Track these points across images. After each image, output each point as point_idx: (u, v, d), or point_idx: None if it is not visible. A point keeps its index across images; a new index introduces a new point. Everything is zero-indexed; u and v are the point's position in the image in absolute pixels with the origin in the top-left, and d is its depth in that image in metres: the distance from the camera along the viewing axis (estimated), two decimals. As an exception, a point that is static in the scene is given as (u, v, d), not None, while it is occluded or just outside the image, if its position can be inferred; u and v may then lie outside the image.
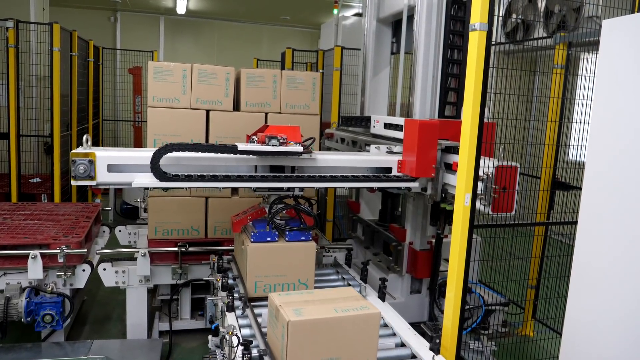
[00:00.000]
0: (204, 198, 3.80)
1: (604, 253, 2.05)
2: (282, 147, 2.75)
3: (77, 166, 2.58)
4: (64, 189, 5.93)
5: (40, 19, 6.95)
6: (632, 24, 1.98)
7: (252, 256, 2.88)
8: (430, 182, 3.05)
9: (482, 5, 2.38)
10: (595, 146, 2.11)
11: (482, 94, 2.46)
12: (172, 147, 2.61)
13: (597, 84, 2.13)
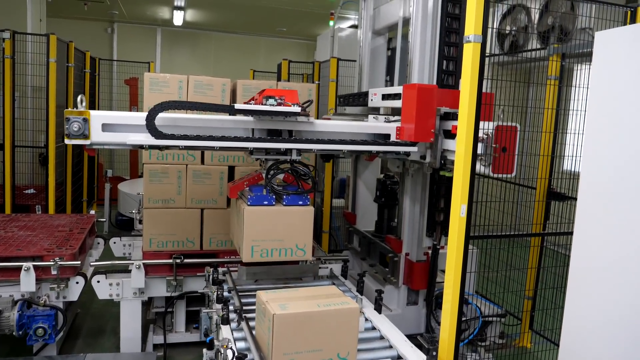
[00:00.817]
0: (199, 209, 3.79)
1: (599, 263, 2.05)
2: (279, 107, 2.69)
3: (71, 124, 2.50)
4: (59, 200, 5.90)
5: (37, 30, 6.96)
6: (625, 35, 1.99)
7: (249, 219, 2.81)
8: (429, 149, 3.03)
9: (476, 17, 2.40)
10: (590, 156, 2.12)
11: (476, 106, 2.46)
12: (168, 104, 2.55)
13: (590, 95, 2.14)
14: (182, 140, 2.60)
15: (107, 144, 2.62)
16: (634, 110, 1.91)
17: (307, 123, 2.89)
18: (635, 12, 3.51)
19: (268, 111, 2.69)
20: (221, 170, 3.76)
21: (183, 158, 3.70)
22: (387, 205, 3.99)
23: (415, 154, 3.05)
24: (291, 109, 2.71)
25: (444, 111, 2.98)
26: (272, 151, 2.89)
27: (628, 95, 1.94)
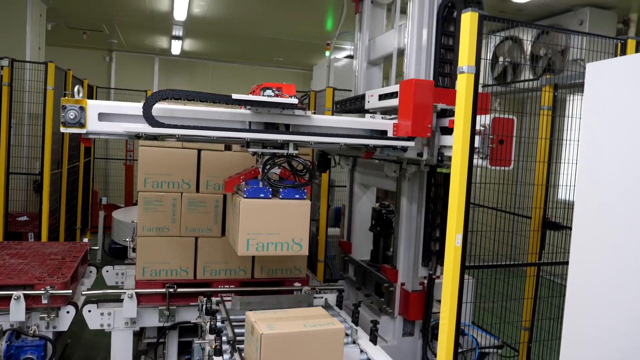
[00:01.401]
0: (193, 238, 3.76)
1: (595, 292, 2.03)
2: (276, 98, 2.68)
3: (67, 112, 2.47)
4: (52, 228, 5.86)
5: (36, 57, 7.02)
6: (615, 67, 2.03)
7: (245, 212, 2.77)
8: (426, 146, 3.04)
9: (470, 48, 2.44)
10: (583, 186, 2.12)
11: (471, 135, 2.49)
12: (166, 93, 2.54)
13: (583, 125, 2.16)
14: (179, 129, 2.57)
15: (103, 133, 2.61)
16: (626, 140, 1.93)
17: (304, 117, 2.86)
18: (625, 44, 3.57)
19: (265, 102, 2.67)
20: (216, 199, 3.75)
21: (178, 186, 3.69)
22: (383, 234, 3.98)
23: (412, 151, 3.03)
24: (288, 100, 2.69)
25: (441, 108, 2.98)
26: (269, 144, 2.87)
27: (619, 126, 1.96)
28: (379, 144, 2.97)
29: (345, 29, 5.22)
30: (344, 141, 2.89)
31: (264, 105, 2.73)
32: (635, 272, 1.87)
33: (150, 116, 2.53)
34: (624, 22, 6.15)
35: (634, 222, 1.89)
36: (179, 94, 2.57)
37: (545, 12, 6.15)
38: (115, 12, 7.78)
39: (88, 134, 2.59)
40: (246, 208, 2.78)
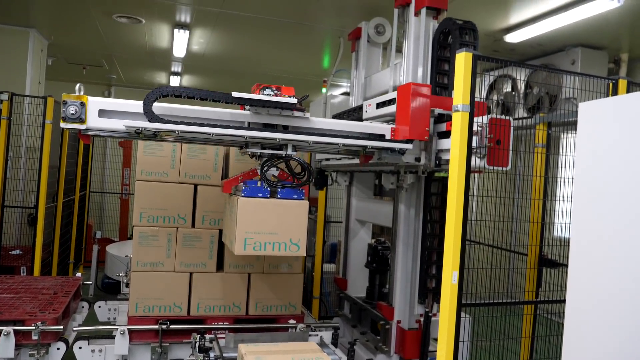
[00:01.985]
0: (188, 273, 3.72)
1: (592, 331, 2.01)
2: (276, 97, 2.70)
3: (68, 107, 2.49)
4: (45, 262, 5.79)
5: (36, 92, 7.09)
6: (607, 107, 2.06)
7: (243, 210, 2.76)
8: (423, 151, 3.06)
9: (464, 88, 2.49)
10: (578, 224, 2.13)
11: (466, 171, 2.51)
12: (167, 90, 2.57)
13: (576, 163, 2.18)
14: (178, 125, 2.58)
15: (102, 129, 2.61)
16: (618, 179, 1.95)
17: (302, 119, 2.86)
18: (616, 83, 3.64)
19: (265, 101, 2.68)
20: (212, 234, 3.74)
21: (174, 221, 3.68)
22: (379, 271, 3.96)
23: (410, 156, 3.05)
24: (287, 100, 2.70)
25: (438, 112, 3.02)
26: (268, 145, 2.88)
27: (612, 164, 1.98)
28: (378, 145, 2.95)
29: (341, 67, 5.31)
30: (343, 141, 2.88)
31: (263, 105, 2.72)
32: (632, 310, 1.86)
33: (150, 111, 2.54)
34: (614, 62, 6.29)
35: (629, 259, 1.89)
36: (179, 90, 2.60)
37: (538, 52, 6.29)
38: (115, 48, 7.91)
39: (88, 130, 2.59)
40: (244, 207, 2.77)
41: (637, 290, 1.85)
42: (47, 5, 6.09)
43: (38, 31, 7.04)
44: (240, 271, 3.78)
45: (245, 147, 2.87)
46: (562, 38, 5.66)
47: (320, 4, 5.15)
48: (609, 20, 4.97)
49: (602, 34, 5.43)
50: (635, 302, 1.85)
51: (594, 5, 4.46)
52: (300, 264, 3.91)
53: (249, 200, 2.79)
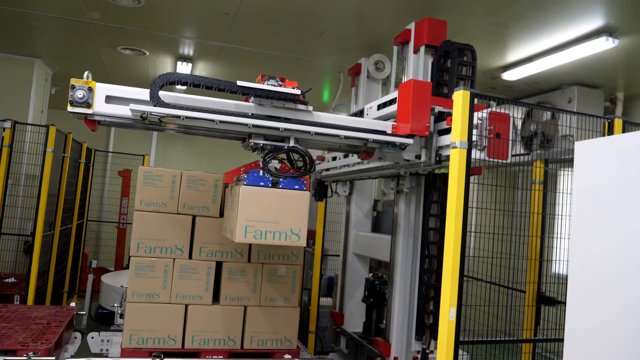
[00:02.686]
0: (183, 305, 3.69)
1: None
2: (280, 87, 2.75)
3: (76, 91, 2.56)
4: (39, 290, 5.73)
5: (38, 120, 7.15)
6: (602, 146, 2.09)
7: (244, 198, 2.77)
8: (424, 148, 3.09)
9: (462, 124, 2.52)
10: (576, 261, 2.13)
11: (464, 207, 2.52)
12: (173, 76, 2.63)
13: (573, 202, 2.20)
14: (183, 110, 2.60)
15: (108, 115, 2.67)
16: (615, 217, 1.96)
17: (305, 112, 2.90)
18: (612, 123, 3.69)
19: (269, 90, 2.73)
20: (209, 265, 3.72)
21: (171, 252, 3.67)
22: (376, 306, 3.93)
23: (410, 153, 3.07)
24: (291, 91, 2.76)
25: (439, 110, 3.07)
26: (270, 137, 2.91)
27: (608, 203, 2.00)
28: (379, 138, 2.95)
29: (341, 102, 5.39)
30: (345, 133, 2.89)
31: (267, 96, 2.76)
32: (632, 347, 1.84)
33: (157, 96, 2.59)
34: (611, 100, 6.38)
35: (627, 296, 1.89)
36: (185, 77, 2.65)
37: (535, 90, 6.39)
38: (118, 78, 8.02)
39: (94, 114, 2.65)
40: (246, 195, 2.79)
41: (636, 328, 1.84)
42: (53, 37, 6.20)
43: (43, 61, 7.15)
44: (237, 304, 3.75)
45: (248, 138, 2.88)
46: (558, 76, 5.76)
47: (322, 40, 5.26)
48: (604, 60, 5.06)
49: (597, 73, 5.53)
50: (634, 339, 1.84)
51: (589, 46, 4.56)
52: (297, 297, 3.88)
53: (250, 189, 2.81)
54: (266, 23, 4.95)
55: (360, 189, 4.64)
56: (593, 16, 4.14)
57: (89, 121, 2.71)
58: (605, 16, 4.13)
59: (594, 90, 6.04)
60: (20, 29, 5.87)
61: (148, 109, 2.60)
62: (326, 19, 4.75)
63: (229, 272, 3.75)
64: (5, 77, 6.91)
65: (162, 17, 5.08)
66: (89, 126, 2.76)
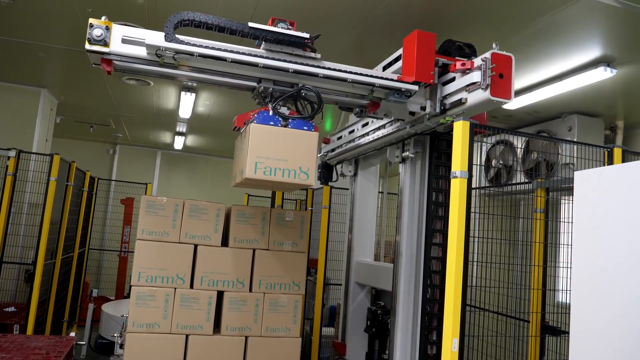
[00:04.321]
0: (184, 335, 3.66)
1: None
2: (290, 31, 2.87)
3: (94, 29, 2.62)
4: (39, 320, 5.69)
5: (42, 149, 7.21)
6: (601, 176, 2.11)
7: (254, 135, 2.85)
8: (429, 100, 3.16)
9: (462, 154, 2.55)
10: (578, 291, 2.12)
11: (465, 237, 2.52)
12: (186, 15, 2.76)
13: (574, 231, 2.20)
14: (197, 47, 2.69)
15: (124, 55, 2.73)
16: (616, 246, 1.96)
17: (314, 59, 2.97)
18: (612, 152, 3.72)
19: (280, 33, 2.86)
20: (210, 295, 3.70)
21: (172, 281, 3.65)
22: (378, 336, 3.89)
23: (415, 105, 3.14)
24: (301, 34, 2.88)
25: (442, 62, 3.16)
26: (279, 83, 2.97)
27: (608, 232, 2.00)
28: (386, 84, 2.99)
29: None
30: (352, 77, 2.95)
31: (278, 39, 2.88)
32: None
33: (171, 32, 2.69)
34: (611, 128, 6.42)
35: (630, 326, 1.87)
36: (198, 16, 2.77)
37: (535, 119, 6.44)
38: (123, 108, 8.11)
39: (110, 53, 2.70)
40: (256, 132, 2.87)
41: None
42: (60, 67, 6.31)
43: (49, 91, 7.25)
44: (238, 334, 3.72)
45: (258, 83, 2.93)
46: (558, 105, 5.81)
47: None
48: (603, 89, 5.12)
49: (597, 102, 5.58)
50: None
51: (587, 75, 4.62)
52: (298, 327, 3.85)
53: (260, 126, 2.88)
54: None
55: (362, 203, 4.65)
56: (591, 47, 4.21)
57: (105, 61, 2.75)
58: (603, 47, 4.19)
59: (594, 118, 6.09)
60: (27, 60, 5.98)
61: (163, 44, 2.67)
62: (330, 49, 4.83)
63: (230, 301, 3.73)
64: (12, 107, 7.00)
65: (166, 49, 5.17)
66: (104, 67, 2.78)
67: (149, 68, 2.84)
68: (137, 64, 2.81)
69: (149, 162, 11.76)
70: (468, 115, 2.93)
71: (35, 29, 4.97)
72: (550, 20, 3.80)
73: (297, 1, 3.87)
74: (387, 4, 3.78)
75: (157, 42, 2.69)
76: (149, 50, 2.73)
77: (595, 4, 3.51)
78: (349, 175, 4.72)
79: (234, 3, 4.01)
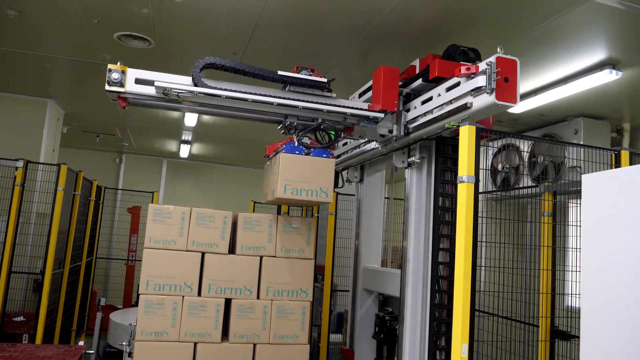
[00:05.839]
0: (192, 343, 3.65)
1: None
2: (311, 77, 3.42)
3: (112, 74, 3.11)
4: (48, 329, 5.71)
5: (49, 159, 7.26)
6: (609, 179, 2.10)
7: (284, 163, 3.43)
8: (395, 124, 3.66)
9: (469, 160, 2.54)
10: (588, 295, 2.11)
11: (473, 242, 2.52)
12: (214, 60, 3.25)
13: (582, 235, 2.19)
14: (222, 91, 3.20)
15: (137, 94, 3.19)
16: (624, 249, 1.96)
17: (330, 98, 3.53)
18: (619, 154, 3.71)
19: (304, 79, 3.42)
20: (217, 303, 3.70)
21: (180, 289, 3.66)
22: (386, 342, 3.87)
23: (383, 128, 3.67)
24: (320, 79, 3.44)
25: (406, 92, 3.65)
26: (302, 118, 3.51)
27: (617, 235, 1.99)
28: (356, 113, 3.51)
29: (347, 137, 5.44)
30: (327, 108, 3.44)
31: (302, 84, 3.44)
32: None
33: (198, 76, 3.18)
34: (617, 131, 6.39)
35: (639, 331, 1.86)
36: (225, 62, 3.27)
37: (541, 122, 6.42)
38: (129, 117, 8.16)
39: (126, 93, 3.16)
40: (285, 160, 3.44)
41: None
42: (66, 78, 6.36)
43: (56, 101, 7.31)
44: (246, 341, 3.71)
45: (284, 119, 3.47)
46: (563, 109, 5.80)
47: (328, 77, 5.35)
48: (609, 91, 5.11)
49: (603, 104, 5.57)
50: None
51: (593, 78, 4.61)
52: (306, 334, 3.84)
53: (289, 156, 3.45)
54: (272, 62, 5.06)
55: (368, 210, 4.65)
56: (596, 49, 4.21)
57: (121, 98, 3.21)
58: (608, 49, 4.19)
59: (600, 121, 6.07)
60: (34, 71, 6.03)
61: (185, 87, 3.16)
62: (332, 58, 4.85)
63: (238, 309, 3.73)
64: (19, 118, 7.06)
65: (171, 58, 5.21)
66: (120, 103, 3.23)
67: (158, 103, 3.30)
68: (147, 100, 3.26)
69: (155, 171, 11.80)
70: (473, 119, 2.93)
71: (42, 40, 5.01)
72: (555, 23, 3.80)
73: (300, 9, 3.89)
74: (390, 11, 3.79)
75: (167, 84, 3.14)
76: (159, 92, 3.19)
77: (599, 6, 3.51)
78: (355, 181, 4.73)
79: (238, 13, 4.03)
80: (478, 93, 2.81)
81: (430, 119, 3.30)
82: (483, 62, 2.83)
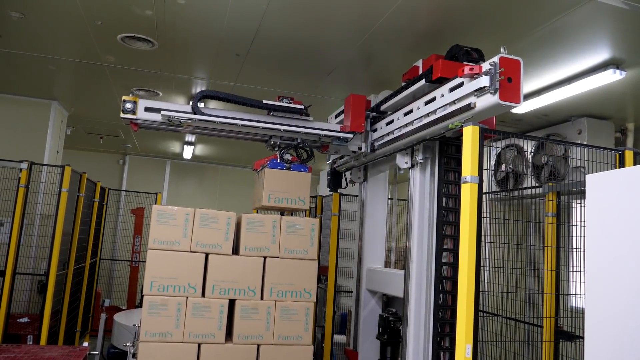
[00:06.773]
0: (196, 344, 3.66)
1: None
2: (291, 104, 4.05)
3: (126, 104, 3.77)
4: (52, 330, 5.72)
5: (54, 161, 7.27)
6: (613, 179, 2.10)
7: (268, 176, 4.00)
8: (363, 142, 4.27)
9: (472, 160, 2.54)
10: (592, 295, 2.11)
11: (477, 242, 2.51)
12: (209, 92, 4.01)
13: (587, 235, 2.19)
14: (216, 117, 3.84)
15: (147, 120, 3.82)
16: (629, 249, 1.95)
17: (308, 121, 4.14)
18: (623, 154, 3.70)
19: (284, 106, 4.04)
20: (221, 303, 3.71)
21: (184, 290, 3.67)
22: (390, 343, 3.87)
23: (354, 145, 4.29)
24: (298, 106, 4.07)
25: (373, 116, 4.27)
26: (284, 138, 4.14)
27: (621, 235, 1.99)
28: (328, 134, 4.15)
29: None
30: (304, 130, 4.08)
31: (283, 110, 4.06)
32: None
33: (196, 106, 3.81)
34: (621, 131, 6.36)
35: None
36: (218, 93, 4.01)
37: (544, 122, 6.41)
38: (132, 118, 8.17)
39: (137, 119, 3.80)
40: (269, 174, 4.02)
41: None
42: (70, 80, 6.37)
43: (60, 103, 7.33)
44: (250, 342, 3.72)
45: (269, 139, 4.10)
46: (567, 109, 5.78)
47: (331, 77, 5.36)
48: (612, 91, 5.09)
49: (606, 104, 5.55)
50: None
51: (596, 78, 4.59)
52: (310, 335, 3.84)
53: (272, 170, 4.03)
54: (276, 63, 5.06)
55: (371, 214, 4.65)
56: (599, 49, 4.20)
57: (133, 124, 3.85)
58: (611, 49, 4.18)
59: (604, 121, 6.05)
60: (38, 73, 6.05)
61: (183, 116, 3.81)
62: (336, 58, 4.86)
63: (242, 310, 3.74)
64: (23, 119, 7.08)
65: (175, 59, 5.22)
66: (132, 127, 3.88)
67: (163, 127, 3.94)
68: (155, 125, 3.90)
69: (159, 172, 11.82)
70: (477, 120, 2.93)
71: (46, 42, 5.03)
72: (558, 23, 3.80)
73: (304, 9, 3.90)
74: (394, 12, 3.79)
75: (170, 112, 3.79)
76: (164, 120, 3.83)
77: (602, 6, 3.50)
78: (359, 182, 4.73)
79: (241, 14, 4.04)
80: (481, 93, 2.81)
81: (433, 120, 3.30)
82: (486, 63, 2.83)
